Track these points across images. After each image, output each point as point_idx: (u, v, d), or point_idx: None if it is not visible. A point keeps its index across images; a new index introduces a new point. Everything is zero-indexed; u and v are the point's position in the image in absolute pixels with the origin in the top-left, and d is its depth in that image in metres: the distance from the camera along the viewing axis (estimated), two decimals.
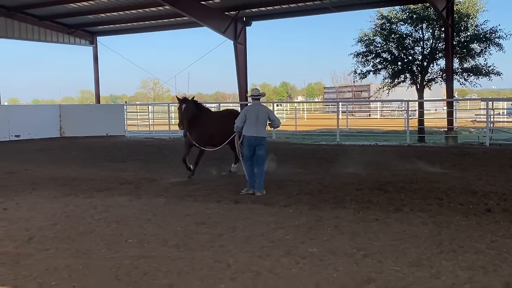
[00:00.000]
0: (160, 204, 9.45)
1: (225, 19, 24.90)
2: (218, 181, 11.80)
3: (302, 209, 8.82)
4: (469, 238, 6.88)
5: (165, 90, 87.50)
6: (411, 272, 5.61)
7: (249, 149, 10.34)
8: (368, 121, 36.34)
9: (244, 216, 8.38)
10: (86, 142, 22.54)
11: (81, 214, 8.67)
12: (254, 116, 10.29)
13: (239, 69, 25.91)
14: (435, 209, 8.62)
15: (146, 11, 26.52)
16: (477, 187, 10.50)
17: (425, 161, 14.38)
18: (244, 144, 10.46)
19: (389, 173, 12.48)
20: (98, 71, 32.17)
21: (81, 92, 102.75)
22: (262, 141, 10.34)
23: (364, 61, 22.92)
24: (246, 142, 10.34)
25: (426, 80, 22.43)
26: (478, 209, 8.54)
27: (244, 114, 10.41)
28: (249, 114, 10.34)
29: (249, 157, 10.39)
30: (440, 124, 25.97)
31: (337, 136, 21.54)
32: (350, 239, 6.93)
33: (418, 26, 22.20)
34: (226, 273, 5.71)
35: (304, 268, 5.85)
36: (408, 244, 6.64)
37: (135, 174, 13.03)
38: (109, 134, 25.65)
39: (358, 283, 5.34)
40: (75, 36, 31.09)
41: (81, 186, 11.28)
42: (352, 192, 10.18)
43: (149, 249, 6.65)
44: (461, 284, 5.27)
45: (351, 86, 52.55)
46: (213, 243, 6.89)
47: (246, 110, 10.49)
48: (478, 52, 21.74)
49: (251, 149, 10.32)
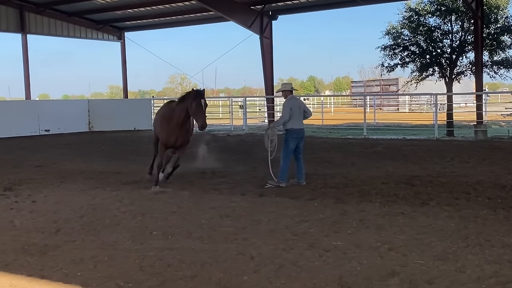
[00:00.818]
0: (185, 197, 9.53)
1: (250, 13, 24.86)
2: (242, 174, 11.82)
3: (327, 202, 8.78)
4: (496, 232, 6.77)
5: (193, 85, 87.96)
6: (436, 265, 5.54)
7: (295, 142, 10.43)
8: (396, 115, 35.94)
9: (269, 209, 8.39)
10: (114, 136, 22.79)
11: (107, 207, 8.79)
12: (298, 109, 10.46)
13: (265, 64, 25.85)
14: (462, 203, 8.50)
15: (172, 6, 26.67)
16: (506, 181, 10.32)
17: (454, 155, 14.19)
18: (291, 137, 10.42)
19: (417, 167, 12.34)
20: (126, 66, 32.47)
21: (110, 87, 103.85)
22: (304, 133, 10.73)
23: (391, 54, 22.61)
24: (294, 135, 10.41)
25: (455, 73, 22.06)
26: (506, 203, 8.38)
27: (289, 107, 10.36)
28: (295, 108, 10.41)
29: (292, 150, 10.46)
30: (470, 118, 25.54)
31: (364, 130, 21.35)
32: (375, 233, 6.87)
33: (446, 18, 21.79)
34: (249, 265, 5.72)
35: (327, 261, 5.83)
36: (434, 238, 6.56)
37: None
38: (137, 129, 25.88)
39: (382, 276, 5.30)
40: (103, 32, 31.45)
41: (108, 180, 11.42)
42: (378, 186, 10.09)
43: (173, 241, 6.70)
44: (487, 277, 5.18)
45: (379, 80, 51.93)
46: (236, 235, 6.91)
47: (291, 104, 10.45)
48: (508, 44, 21.28)
49: (296, 142, 10.45)
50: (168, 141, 10.43)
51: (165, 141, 10.46)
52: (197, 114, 9.80)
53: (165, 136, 10.46)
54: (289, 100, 10.55)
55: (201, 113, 9.74)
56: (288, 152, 10.45)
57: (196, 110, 9.78)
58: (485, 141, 17.85)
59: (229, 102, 32.24)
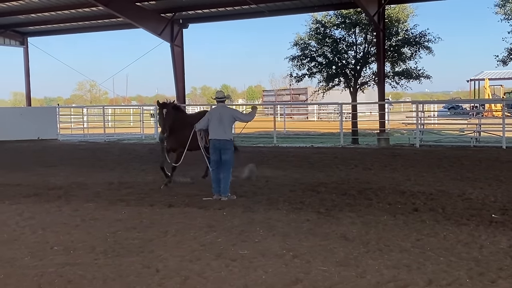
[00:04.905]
0: (90, 209, 9.22)
1: (161, 21, 24.65)
2: (152, 184, 11.62)
3: (236, 211, 8.82)
4: (396, 237, 7.08)
5: (103, 92, 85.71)
6: (337, 271, 5.71)
7: (214, 153, 10.07)
8: (305, 124, 36.82)
9: (177, 220, 8.31)
10: (16, 147, 21.72)
11: (5, 221, 8.35)
12: (217, 118, 10.08)
13: (177, 72, 25.72)
14: (364, 209, 8.83)
15: (79, 12, 25.83)
16: (406, 187, 10.83)
17: (358, 162, 14.74)
18: (210, 147, 10.19)
19: (323, 174, 12.68)
20: (29, 72, 31.13)
21: (13, 94, 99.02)
22: (226, 144, 10.08)
23: (299, 64, 23.15)
24: (211, 146, 10.13)
25: (359, 84, 22.91)
26: (405, 209, 8.80)
27: (207, 117, 10.19)
28: (212, 117, 10.12)
29: (216, 161, 10.11)
30: (373, 126, 26.64)
31: (274, 138, 21.70)
32: (281, 240, 6.98)
33: (351, 30, 22.63)
34: (154, 279, 5.63)
35: (233, 270, 5.85)
36: (337, 244, 6.76)
37: (66, 178, 12.65)
38: (41, 138, 24.82)
39: (286, 284, 5.39)
40: (5, 37, 29.97)
41: (7, 192, 10.86)
42: (285, 194, 10.27)
43: (76, 256, 6.47)
44: (385, 282, 5.40)
45: (289, 89, 53.04)
46: (143, 248, 6.78)
47: (209, 113, 10.28)
48: (408, 56, 22.36)
49: (217, 153, 10.06)
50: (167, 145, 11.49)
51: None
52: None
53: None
54: (212, 109, 10.32)
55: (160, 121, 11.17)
56: (211, 163, 10.28)
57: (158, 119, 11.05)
58: (387, 149, 18.66)
59: (140, 110, 31.68)
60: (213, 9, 24.60)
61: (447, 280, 5.45)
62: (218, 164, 10.12)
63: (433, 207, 8.89)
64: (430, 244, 6.74)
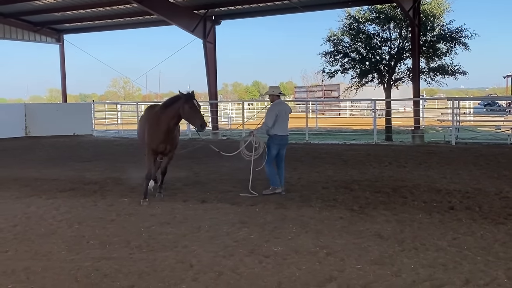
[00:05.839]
0: (125, 204, 9.34)
1: (194, 17, 24.75)
2: (185, 180, 11.70)
3: (268, 208, 8.81)
4: (431, 235, 6.97)
5: (136, 89, 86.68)
6: (372, 270, 5.64)
7: (276, 149, 10.10)
8: (337, 120, 36.55)
9: (210, 216, 8.34)
10: (52, 142, 22.15)
11: (42, 215, 8.52)
12: (285, 114, 10.17)
13: (209, 68, 25.81)
14: (399, 207, 8.71)
15: (113, 9, 26.16)
16: (441, 185, 10.64)
17: (392, 159, 14.54)
18: (273, 144, 10.06)
19: (356, 172, 12.56)
20: (64, 69, 31.64)
21: (49, 91, 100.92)
22: (288, 140, 10.45)
23: (332, 60, 23.03)
24: (277, 142, 10.09)
25: (393, 80, 22.66)
26: (441, 207, 8.65)
27: (274, 113, 10.08)
28: (280, 113, 10.09)
29: (274, 156, 10.16)
30: (408, 123, 26.27)
31: (306, 135, 21.59)
32: (314, 238, 6.94)
33: (385, 26, 22.39)
34: (188, 274, 5.67)
35: (267, 267, 5.85)
36: (371, 242, 6.69)
37: (101, 174, 12.85)
38: (76, 134, 25.25)
39: (320, 281, 5.36)
40: (41, 34, 30.50)
41: (44, 187, 11.07)
42: (318, 191, 10.22)
43: (111, 250, 6.56)
44: (421, 281, 5.32)
45: (321, 85, 52.74)
46: (176, 243, 6.83)
47: (277, 109, 10.15)
48: (444, 51, 22.01)
49: (278, 148, 10.13)
50: (158, 148, 9.70)
51: (155, 147, 9.70)
52: (193, 115, 9.26)
53: (155, 143, 9.65)
54: (276, 105, 10.24)
55: (198, 113, 9.27)
56: (270, 158, 10.15)
57: (191, 112, 9.22)
58: (422, 146, 18.39)
59: None
60: (245, 5, 24.60)
61: (485, 280, 5.34)
62: (274, 159, 10.17)
63: (469, 206, 8.72)
64: (467, 243, 6.62)
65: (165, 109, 9.58)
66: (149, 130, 9.71)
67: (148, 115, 10.22)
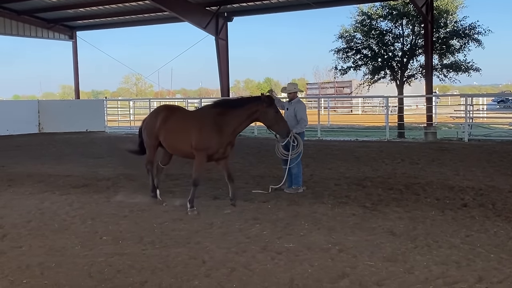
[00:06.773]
0: (137, 200, 9.37)
1: (206, 14, 24.78)
2: None
3: (281, 204, 8.82)
4: (444, 233, 6.94)
5: (148, 85, 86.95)
6: (385, 267, 5.64)
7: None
8: (349, 117, 36.46)
9: (222, 212, 8.35)
10: (65, 138, 22.31)
11: (56, 211, 8.58)
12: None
13: (221, 65, 25.84)
14: (411, 204, 8.69)
15: (126, 6, 26.25)
16: (454, 182, 10.59)
17: (404, 156, 14.49)
18: (301, 140, 9.88)
19: (368, 168, 12.53)
20: (77, 66, 31.80)
21: (62, 87, 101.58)
22: None
23: (344, 57, 22.97)
24: (304, 138, 10.08)
25: (406, 76, 22.55)
26: (454, 204, 8.61)
27: (305, 110, 10.17)
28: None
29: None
30: (420, 120, 26.14)
31: (318, 131, 21.57)
32: (326, 234, 6.94)
33: (398, 22, 22.28)
34: (200, 270, 5.69)
35: (279, 263, 5.86)
36: (383, 239, 6.68)
37: (114, 170, 12.91)
38: (89, 130, 25.41)
39: (332, 278, 5.36)
40: (54, 31, 30.69)
41: (57, 183, 11.15)
42: (330, 187, 10.22)
43: (124, 246, 6.60)
44: (434, 278, 5.31)
45: (333, 82, 52.62)
46: (189, 239, 6.86)
47: (304, 106, 10.30)
48: (457, 48, 21.86)
49: None
50: (218, 153, 8.65)
51: (213, 152, 8.61)
52: (278, 122, 8.54)
53: (214, 148, 8.54)
54: (301, 102, 10.31)
55: (283, 120, 8.71)
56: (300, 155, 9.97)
57: (276, 118, 8.50)
58: (435, 143, 18.28)
59: (185, 103, 32.02)
60: (257, 2, 24.56)
61: (498, 277, 5.32)
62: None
63: (482, 203, 8.67)
64: (480, 240, 6.59)
65: (233, 109, 8.54)
66: (205, 133, 8.53)
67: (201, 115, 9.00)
